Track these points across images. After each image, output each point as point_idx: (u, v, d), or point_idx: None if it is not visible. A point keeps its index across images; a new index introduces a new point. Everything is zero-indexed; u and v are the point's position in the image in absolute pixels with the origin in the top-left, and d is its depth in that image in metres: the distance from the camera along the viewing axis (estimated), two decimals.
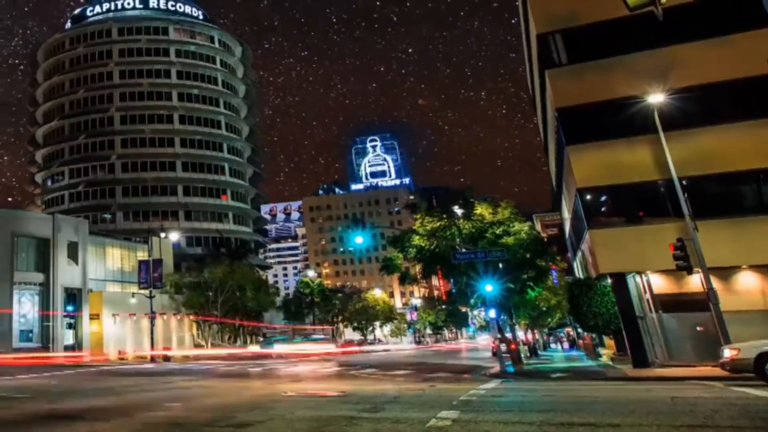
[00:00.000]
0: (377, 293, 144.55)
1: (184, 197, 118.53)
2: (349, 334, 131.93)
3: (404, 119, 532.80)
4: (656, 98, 31.03)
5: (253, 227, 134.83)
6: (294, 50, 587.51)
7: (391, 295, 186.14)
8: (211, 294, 77.78)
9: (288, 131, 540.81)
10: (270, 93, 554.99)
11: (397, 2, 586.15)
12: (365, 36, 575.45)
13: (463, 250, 40.99)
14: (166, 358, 63.84)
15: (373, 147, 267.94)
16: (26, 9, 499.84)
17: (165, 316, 77.29)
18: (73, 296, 68.77)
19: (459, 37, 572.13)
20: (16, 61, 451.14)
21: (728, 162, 31.92)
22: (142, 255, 77.23)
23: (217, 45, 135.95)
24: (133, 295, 71.68)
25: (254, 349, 78.49)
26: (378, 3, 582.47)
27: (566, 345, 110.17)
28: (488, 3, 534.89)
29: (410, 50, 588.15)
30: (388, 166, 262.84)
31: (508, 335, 47.51)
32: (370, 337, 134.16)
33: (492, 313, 40.76)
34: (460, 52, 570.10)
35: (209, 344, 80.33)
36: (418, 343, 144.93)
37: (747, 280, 32.48)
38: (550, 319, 79.92)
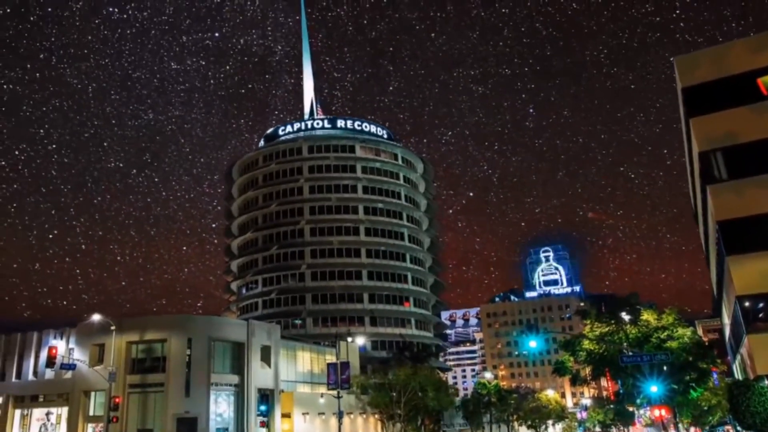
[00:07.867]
0: (550, 393, 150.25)
1: (369, 304, 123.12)
2: None
3: (568, 228, 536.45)
4: None
5: (433, 332, 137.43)
6: (469, 167, 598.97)
7: (563, 395, 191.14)
8: (394, 394, 79.60)
9: (463, 242, 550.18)
10: (446, 206, 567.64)
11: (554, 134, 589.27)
12: (529, 155, 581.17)
13: (630, 354, 43.39)
14: None
15: (546, 257, 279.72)
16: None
17: (351, 415, 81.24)
18: (266, 396, 70.38)
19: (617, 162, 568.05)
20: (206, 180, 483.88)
21: None
22: (330, 358, 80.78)
23: (400, 162, 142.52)
24: (322, 395, 74.84)
25: None
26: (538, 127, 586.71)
27: None
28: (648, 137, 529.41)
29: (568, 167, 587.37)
30: (560, 275, 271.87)
31: None
32: None
33: (657, 412, 43.08)
34: (618, 174, 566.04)
35: None
36: None
37: None
38: (711, 418, 79.63)
